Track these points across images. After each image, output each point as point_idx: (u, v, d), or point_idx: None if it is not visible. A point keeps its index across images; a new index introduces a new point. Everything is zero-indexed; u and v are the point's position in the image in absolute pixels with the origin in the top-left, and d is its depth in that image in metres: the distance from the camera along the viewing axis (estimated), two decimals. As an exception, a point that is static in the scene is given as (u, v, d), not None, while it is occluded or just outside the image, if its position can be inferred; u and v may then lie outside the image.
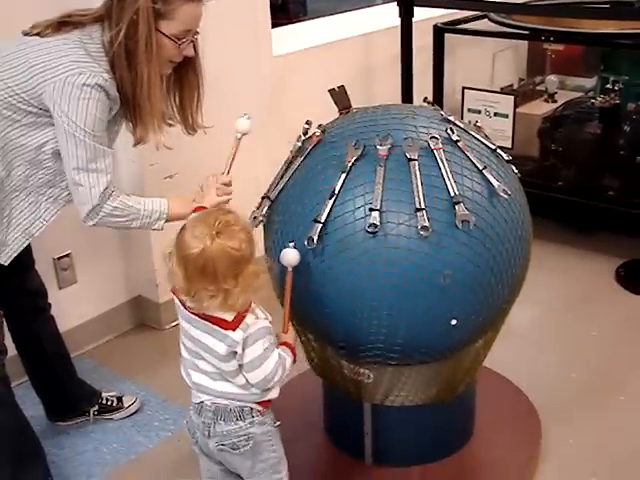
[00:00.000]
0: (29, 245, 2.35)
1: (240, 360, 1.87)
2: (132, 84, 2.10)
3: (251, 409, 1.94)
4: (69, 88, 2.03)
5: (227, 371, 1.89)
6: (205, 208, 2.14)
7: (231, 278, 1.79)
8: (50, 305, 2.67)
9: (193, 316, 1.88)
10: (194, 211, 2.12)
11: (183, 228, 1.85)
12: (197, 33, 2.21)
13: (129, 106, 2.16)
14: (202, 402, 1.96)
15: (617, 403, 2.80)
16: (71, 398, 2.79)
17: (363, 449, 2.45)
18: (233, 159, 2.32)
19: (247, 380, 1.89)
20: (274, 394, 1.97)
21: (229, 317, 1.84)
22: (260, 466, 1.99)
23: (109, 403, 2.83)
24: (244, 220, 1.92)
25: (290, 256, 1.99)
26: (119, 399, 2.86)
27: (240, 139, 2.32)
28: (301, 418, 2.56)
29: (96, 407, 2.81)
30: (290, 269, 2.00)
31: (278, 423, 2.01)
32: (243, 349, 1.85)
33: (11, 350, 2.61)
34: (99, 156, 2.12)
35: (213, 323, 1.86)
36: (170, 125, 2.35)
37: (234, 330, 1.84)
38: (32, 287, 2.59)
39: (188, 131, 2.40)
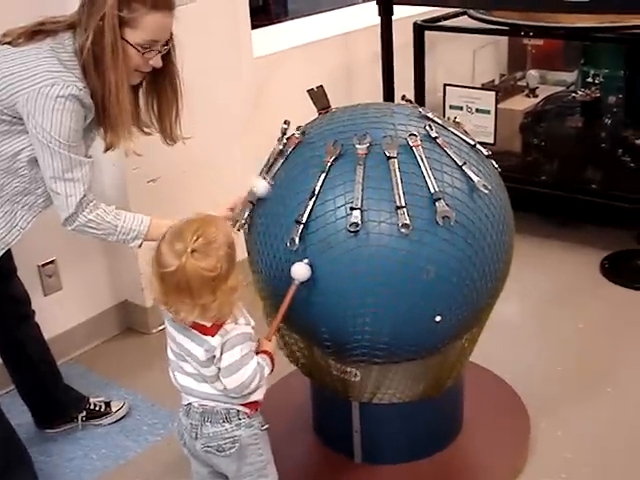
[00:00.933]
0: (10, 252, 2.35)
1: (218, 364, 1.87)
2: (101, 90, 2.10)
3: (238, 412, 1.94)
4: (43, 99, 2.03)
5: (207, 376, 1.90)
6: None
7: (208, 294, 1.79)
8: (34, 312, 2.67)
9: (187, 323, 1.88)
10: None
11: (163, 238, 1.83)
12: (167, 44, 2.19)
13: (99, 112, 2.15)
14: (190, 404, 1.97)
15: (604, 394, 2.81)
16: (58, 404, 2.78)
17: (352, 447, 2.46)
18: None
19: (224, 385, 1.89)
20: (258, 396, 1.97)
21: (208, 323, 1.85)
22: (246, 469, 1.98)
23: (97, 409, 2.83)
24: (227, 230, 1.89)
25: (302, 271, 2.00)
26: (107, 404, 2.85)
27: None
28: (290, 418, 2.56)
29: (84, 413, 2.80)
30: (296, 282, 2.00)
31: (266, 426, 2.01)
32: (221, 353, 1.85)
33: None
34: (75, 166, 2.12)
35: (193, 328, 1.86)
36: (148, 134, 2.35)
37: (213, 336, 1.85)
38: (15, 294, 2.58)
39: (167, 141, 2.39)
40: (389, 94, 3.99)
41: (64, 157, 2.09)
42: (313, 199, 2.04)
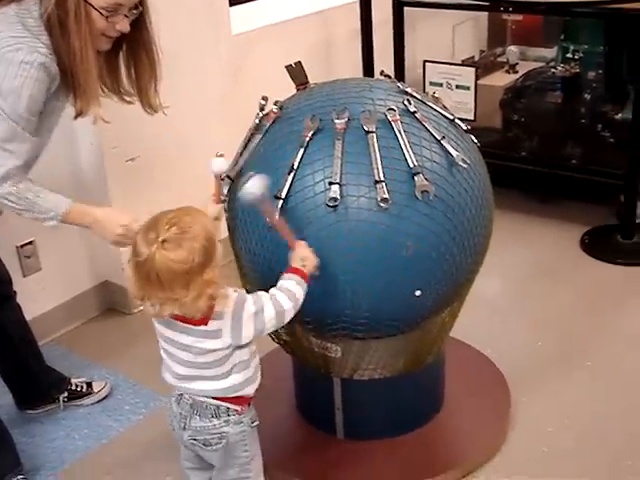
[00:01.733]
0: None
1: (238, 342, 1.84)
2: (67, 56, 2.07)
3: (227, 408, 1.91)
4: (6, 64, 1.99)
5: (210, 361, 1.85)
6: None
7: (180, 288, 1.71)
8: (15, 293, 2.65)
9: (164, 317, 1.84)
10: None
11: (141, 227, 1.78)
12: (136, 9, 2.15)
13: (67, 78, 2.12)
14: (182, 394, 1.94)
15: (584, 369, 2.83)
16: (40, 385, 2.77)
17: (334, 424, 2.47)
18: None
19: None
20: (250, 390, 1.94)
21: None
22: (230, 462, 1.97)
23: (78, 389, 2.82)
24: (205, 222, 1.80)
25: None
26: (89, 385, 2.84)
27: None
28: (272, 396, 2.55)
29: (65, 394, 2.79)
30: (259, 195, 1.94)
31: (256, 423, 1.99)
32: (236, 334, 1.83)
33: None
34: (17, 139, 2.07)
35: (184, 322, 1.82)
36: (130, 103, 2.34)
37: (206, 324, 1.81)
38: None
39: (146, 110, 2.37)
40: (369, 71, 3.98)
41: (10, 127, 2.05)
42: (292, 174, 2.03)
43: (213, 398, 1.91)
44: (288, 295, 1.90)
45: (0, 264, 2.58)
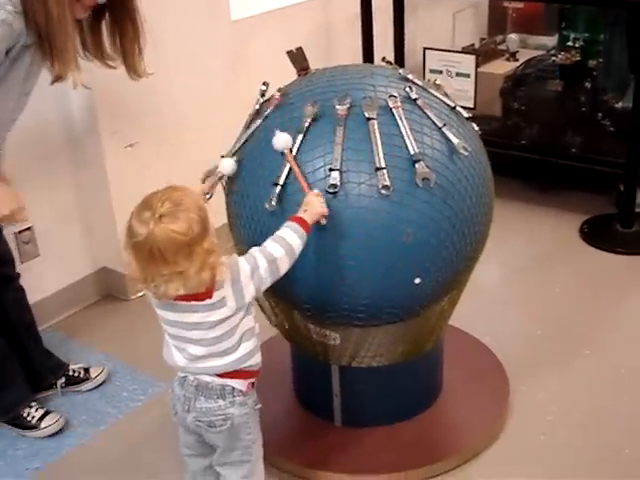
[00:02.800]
0: None
1: (242, 303, 1.85)
2: (44, 18, 2.08)
3: (233, 389, 1.91)
4: None
5: (222, 333, 1.85)
6: None
7: (183, 260, 1.72)
8: (18, 275, 2.67)
9: (165, 301, 1.83)
10: None
11: (132, 212, 1.77)
12: None
13: (43, 42, 2.13)
14: (186, 376, 1.93)
15: (582, 357, 2.83)
16: (38, 370, 2.76)
17: (333, 411, 2.47)
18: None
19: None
20: (257, 359, 1.94)
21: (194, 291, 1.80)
22: (233, 445, 1.97)
23: (76, 375, 2.82)
24: (194, 195, 1.81)
25: (282, 140, 1.99)
26: (86, 370, 2.84)
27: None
28: (270, 382, 2.55)
29: (63, 379, 2.79)
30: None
31: (259, 406, 1.99)
32: (239, 297, 1.84)
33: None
34: None
35: (188, 300, 1.82)
36: (113, 67, 2.38)
37: (210, 297, 1.81)
38: None
39: (131, 75, 2.40)
40: (368, 57, 3.96)
41: None
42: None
43: (222, 376, 1.90)
44: (281, 243, 1.89)
45: (3, 245, 2.59)
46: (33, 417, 2.60)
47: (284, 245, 1.89)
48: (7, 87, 2.24)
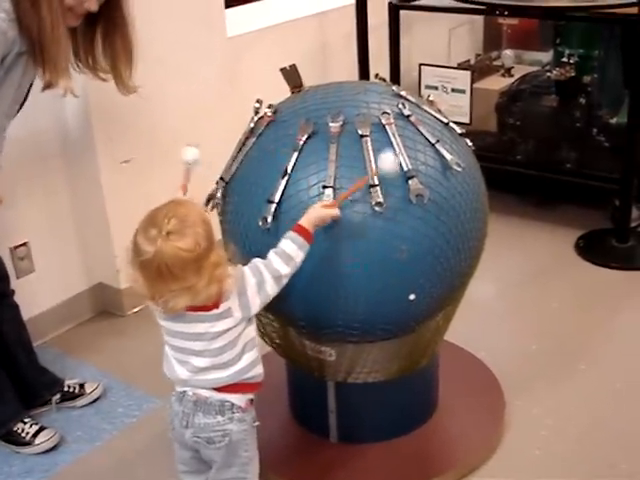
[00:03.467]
0: None
1: (248, 314, 1.87)
2: (36, 26, 2.11)
3: (232, 405, 1.91)
4: None
5: (224, 344, 1.86)
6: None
7: (192, 275, 1.73)
8: (13, 291, 2.67)
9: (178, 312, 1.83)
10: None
11: (137, 229, 1.78)
12: None
13: (35, 49, 2.15)
14: (184, 391, 1.93)
15: (578, 372, 2.83)
16: (33, 387, 2.76)
17: (328, 427, 2.46)
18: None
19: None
20: (259, 370, 1.95)
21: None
22: (231, 462, 1.96)
23: (71, 390, 2.81)
24: (198, 209, 1.84)
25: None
26: (81, 386, 2.83)
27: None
28: (265, 399, 2.54)
29: (58, 395, 2.79)
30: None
31: (257, 423, 1.99)
32: (245, 309, 1.85)
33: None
34: None
35: (196, 311, 1.82)
36: (103, 80, 2.39)
37: (218, 307, 1.82)
38: None
39: (121, 91, 2.43)
40: (364, 74, 3.98)
41: None
42: (285, 178, 2.03)
43: (221, 391, 1.90)
44: (286, 260, 1.89)
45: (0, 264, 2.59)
46: (27, 433, 2.60)
47: (290, 263, 1.90)
48: (1, 96, 2.25)
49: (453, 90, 3.80)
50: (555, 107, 4.00)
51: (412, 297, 2.08)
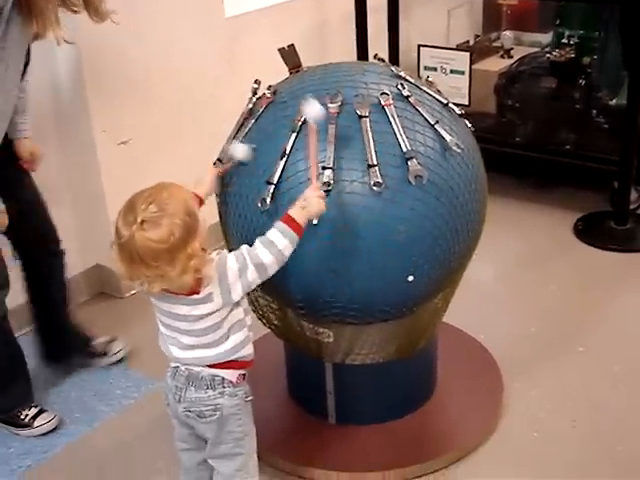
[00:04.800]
0: (31, 189, 2.60)
1: (229, 301, 1.84)
2: None
3: (223, 379, 1.91)
4: None
5: (208, 325, 1.85)
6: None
7: (165, 265, 1.71)
8: (62, 252, 2.75)
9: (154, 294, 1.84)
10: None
11: (120, 210, 1.77)
12: None
13: (20, 2, 2.14)
14: (177, 366, 1.94)
15: (576, 355, 2.83)
16: (65, 342, 2.86)
17: (326, 409, 2.46)
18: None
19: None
20: (248, 350, 1.94)
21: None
22: (223, 437, 1.96)
23: (98, 350, 2.89)
24: (182, 197, 1.78)
25: (314, 111, 1.94)
26: (108, 345, 2.91)
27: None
28: (264, 380, 2.55)
29: (85, 353, 2.88)
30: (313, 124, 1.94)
31: (250, 398, 1.98)
32: (226, 295, 1.83)
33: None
34: None
35: (176, 294, 1.82)
36: (76, 12, 2.30)
37: (199, 293, 1.81)
38: (43, 231, 2.68)
39: (93, 18, 2.33)
40: (363, 55, 3.95)
41: None
42: (284, 159, 2.02)
43: (212, 367, 1.90)
44: (270, 249, 1.85)
45: (49, 223, 2.70)
46: (27, 415, 2.60)
47: (274, 252, 1.86)
48: (6, 49, 2.22)
49: (452, 71, 3.78)
50: (554, 89, 3.98)
51: (411, 278, 2.07)
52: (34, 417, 2.60)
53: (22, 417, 2.60)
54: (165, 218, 1.70)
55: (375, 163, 1.96)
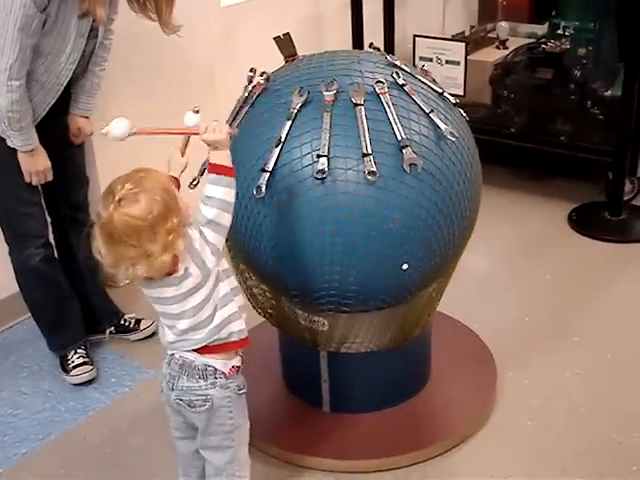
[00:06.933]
0: (75, 160, 2.76)
1: (206, 270, 1.83)
2: None
3: (215, 370, 1.91)
4: None
5: (197, 303, 1.85)
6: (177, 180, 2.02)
7: (146, 242, 1.72)
8: (92, 223, 2.72)
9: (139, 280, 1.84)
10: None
11: (100, 195, 1.78)
12: None
13: None
14: (173, 354, 1.94)
15: (570, 344, 2.84)
16: (94, 314, 2.94)
17: (321, 397, 2.47)
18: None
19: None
20: (237, 327, 1.92)
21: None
22: (213, 428, 1.96)
23: (127, 324, 2.97)
24: (161, 177, 1.80)
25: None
26: (137, 321, 2.99)
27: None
28: (259, 368, 2.56)
29: (113, 328, 2.98)
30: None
31: (244, 391, 1.98)
32: (200, 263, 1.82)
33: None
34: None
35: (159, 278, 1.82)
36: (152, 19, 2.54)
37: (177, 271, 1.80)
38: (73, 200, 2.80)
39: (164, 30, 2.57)
40: (358, 44, 3.95)
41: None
42: (279, 147, 2.02)
43: (205, 351, 1.90)
44: (210, 202, 1.83)
45: (81, 193, 2.82)
46: (72, 362, 2.78)
47: (215, 203, 1.83)
48: (62, 30, 2.39)
49: (447, 62, 3.78)
50: (549, 80, 3.97)
51: (405, 267, 2.08)
52: (75, 367, 2.76)
53: (68, 361, 2.78)
54: (142, 194, 1.72)
55: (370, 152, 1.97)
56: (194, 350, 1.90)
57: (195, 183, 2.21)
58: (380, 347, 2.34)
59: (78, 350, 2.79)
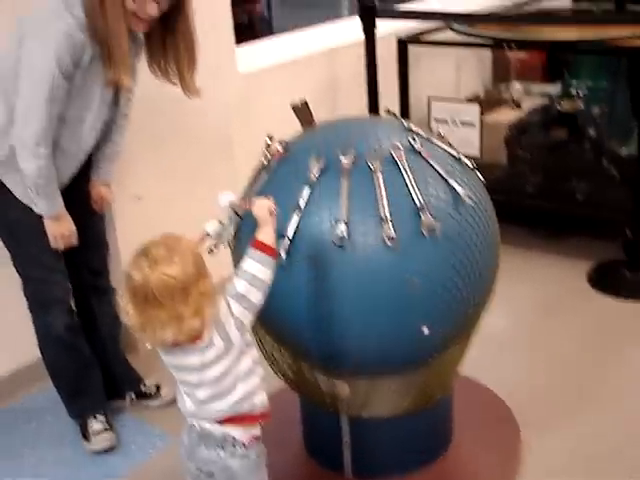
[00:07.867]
0: (96, 227, 2.78)
1: (229, 343, 1.84)
2: (104, 31, 2.30)
3: (234, 439, 1.91)
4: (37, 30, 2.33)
5: (218, 374, 1.85)
6: None
7: (179, 303, 1.74)
8: (113, 289, 2.83)
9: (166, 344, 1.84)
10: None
11: (131, 258, 1.81)
12: None
13: (104, 51, 2.35)
14: (192, 424, 1.94)
15: (595, 407, 2.80)
16: (115, 380, 2.94)
17: (342, 462, 2.45)
18: None
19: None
20: (260, 399, 1.93)
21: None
22: None
23: (148, 392, 2.98)
24: (187, 241, 1.84)
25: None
26: (158, 388, 2.98)
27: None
28: (279, 433, 2.55)
29: (133, 394, 2.97)
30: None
31: (264, 459, 1.98)
32: (224, 335, 1.83)
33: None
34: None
35: (184, 344, 1.83)
36: (175, 84, 2.58)
37: (202, 339, 1.82)
38: (94, 266, 2.83)
39: (186, 94, 2.61)
40: (374, 108, 4.00)
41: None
42: (299, 213, 2.04)
43: (224, 423, 1.90)
44: (244, 277, 1.85)
45: (101, 259, 2.85)
46: (92, 428, 2.76)
47: (248, 278, 1.85)
48: (86, 99, 2.45)
49: (462, 123, 3.82)
50: (564, 139, 4.01)
51: (426, 331, 2.08)
52: (95, 434, 2.75)
53: (88, 428, 2.77)
54: (176, 256, 1.76)
55: (388, 217, 1.98)
56: (215, 421, 1.90)
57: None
58: (402, 411, 2.32)
59: (98, 417, 2.78)
